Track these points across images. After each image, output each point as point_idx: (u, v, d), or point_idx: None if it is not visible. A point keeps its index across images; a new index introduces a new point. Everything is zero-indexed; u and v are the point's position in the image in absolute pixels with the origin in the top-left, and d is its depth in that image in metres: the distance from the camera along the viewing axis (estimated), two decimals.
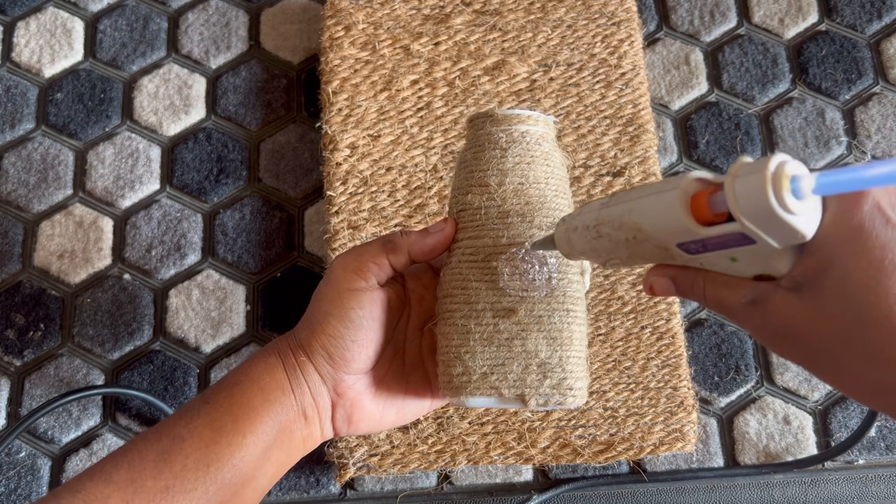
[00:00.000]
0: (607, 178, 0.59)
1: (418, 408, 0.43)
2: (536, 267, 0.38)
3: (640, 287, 0.57)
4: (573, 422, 0.55)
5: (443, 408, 0.55)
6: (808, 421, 0.57)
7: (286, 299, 0.60)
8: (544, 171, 0.40)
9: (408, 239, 0.41)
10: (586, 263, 0.41)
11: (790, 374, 0.58)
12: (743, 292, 0.30)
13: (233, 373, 0.41)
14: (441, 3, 0.64)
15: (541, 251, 0.39)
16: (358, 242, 0.57)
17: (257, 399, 0.39)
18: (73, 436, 0.57)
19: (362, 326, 0.40)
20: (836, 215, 0.27)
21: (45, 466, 0.57)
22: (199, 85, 0.66)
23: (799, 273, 0.28)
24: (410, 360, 0.43)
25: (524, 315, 0.38)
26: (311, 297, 0.42)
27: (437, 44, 0.62)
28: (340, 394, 0.41)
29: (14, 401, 0.58)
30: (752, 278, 0.31)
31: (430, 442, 0.54)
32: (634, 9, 0.64)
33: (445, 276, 0.41)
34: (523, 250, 0.39)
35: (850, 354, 0.27)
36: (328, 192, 0.59)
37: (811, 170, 0.26)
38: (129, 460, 0.36)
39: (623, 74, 0.62)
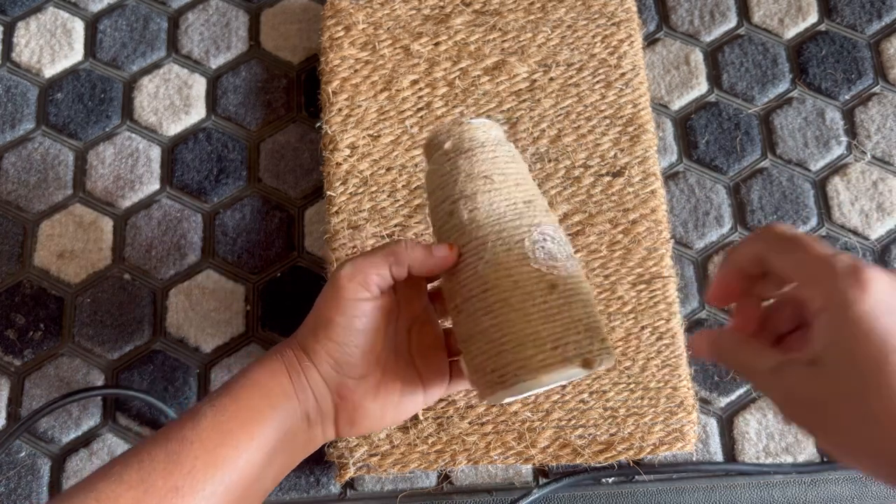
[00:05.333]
0: (607, 178, 0.59)
1: (413, 404, 0.45)
2: (558, 240, 0.41)
3: (640, 287, 0.57)
4: (573, 422, 0.55)
5: (442, 408, 0.55)
6: None
7: (286, 299, 0.60)
8: (518, 165, 0.44)
9: (411, 253, 0.42)
10: None
11: None
12: (768, 361, 0.35)
13: (237, 377, 0.42)
14: (441, 3, 0.64)
15: (552, 226, 0.42)
16: (357, 243, 0.57)
17: (262, 404, 0.41)
18: (73, 436, 0.57)
19: (366, 333, 0.42)
20: (846, 303, 0.32)
21: (45, 466, 0.57)
22: (200, 85, 0.66)
23: (819, 349, 0.33)
24: (403, 359, 0.45)
25: (562, 287, 0.40)
26: (315, 303, 0.43)
27: (437, 44, 0.62)
28: (343, 397, 0.42)
29: (14, 401, 0.58)
30: None
31: (430, 442, 0.54)
32: (634, 9, 0.64)
33: (470, 275, 0.41)
34: (542, 228, 0.41)
35: (852, 424, 0.32)
36: (328, 192, 0.59)
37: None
38: (139, 460, 0.37)
39: (623, 74, 0.62)
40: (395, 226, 0.58)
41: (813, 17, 0.68)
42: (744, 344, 0.37)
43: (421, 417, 0.55)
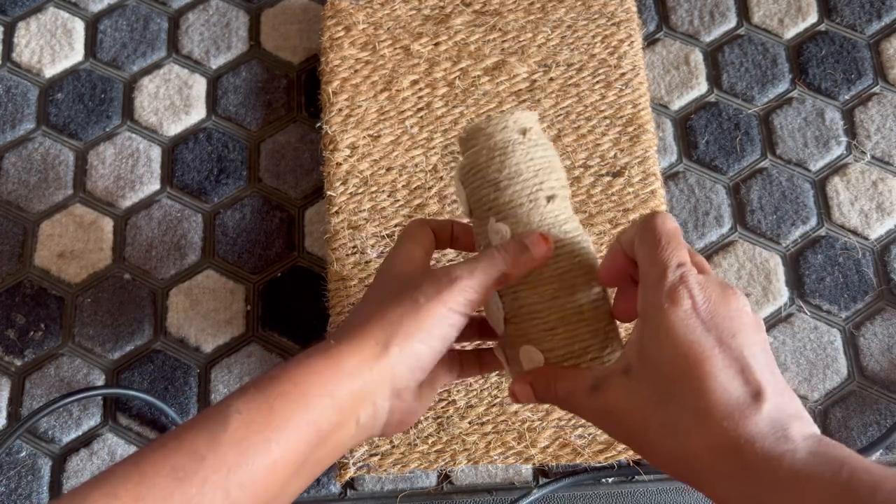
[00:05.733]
0: (607, 178, 0.59)
1: (434, 393, 0.43)
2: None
3: None
4: (573, 422, 0.55)
5: (443, 408, 0.55)
6: None
7: (286, 299, 0.60)
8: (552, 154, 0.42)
9: (510, 257, 0.38)
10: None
11: (789, 374, 0.58)
12: (586, 381, 0.36)
13: (279, 374, 0.35)
14: (441, 4, 0.64)
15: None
16: (358, 244, 0.57)
17: (301, 419, 0.34)
18: (73, 435, 0.57)
19: (446, 341, 0.38)
20: (660, 311, 0.33)
21: (45, 466, 0.57)
22: (200, 85, 0.66)
23: (632, 356, 0.34)
24: (450, 350, 0.41)
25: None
26: (394, 294, 0.38)
27: (437, 44, 0.62)
28: (402, 398, 0.38)
29: (15, 401, 0.58)
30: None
31: (430, 442, 0.54)
32: (634, 9, 0.64)
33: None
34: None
35: (655, 428, 0.33)
36: (328, 192, 0.59)
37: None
38: (140, 472, 0.32)
39: (623, 74, 0.62)
40: (395, 226, 0.58)
41: (813, 18, 0.68)
42: (560, 373, 0.37)
43: (420, 417, 0.55)
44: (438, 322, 0.37)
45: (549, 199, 0.39)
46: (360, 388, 0.36)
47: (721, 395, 0.31)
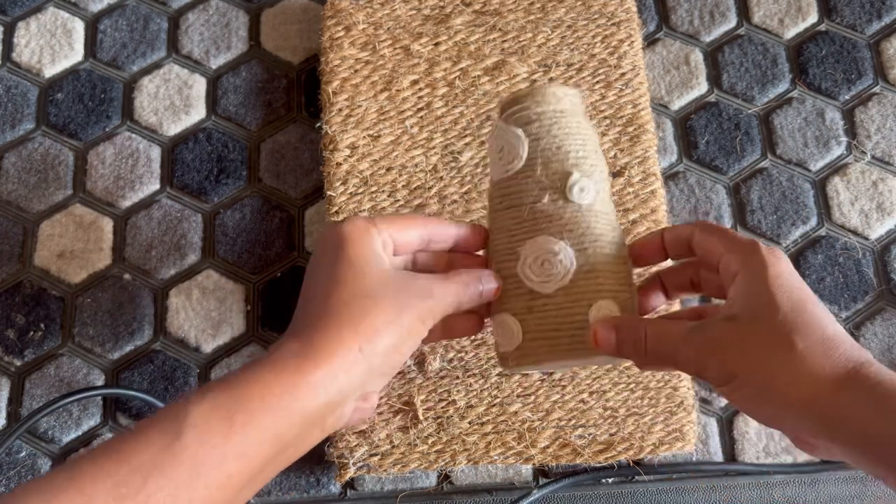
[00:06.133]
0: None
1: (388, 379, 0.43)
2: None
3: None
4: (573, 421, 0.55)
5: (443, 408, 0.55)
6: None
7: (286, 299, 0.60)
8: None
9: (477, 289, 0.41)
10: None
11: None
12: (686, 323, 0.38)
13: (239, 388, 0.33)
14: (441, 4, 0.64)
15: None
16: None
17: (264, 433, 0.32)
18: (73, 435, 0.57)
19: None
20: (765, 265, 0.36)
21: (45, 466, 0.57)
22: (200, 85, 0.66)
23: (737, 306, 0.36)
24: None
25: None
26: (362, 309, 0.37)
27: (437, 44, 0.62)
28: (368, 400, 0.39)
29: (14, 401, 0.58)
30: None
31: (430, 442, 0.54)
32: (634, 9, 0.64)
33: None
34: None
35: (773, 363, 0.35)
36: (328, 192, 0.59)
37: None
38: (77, 488, 0.29)
39: (623, 75, 0.62)
40: None
41: (813, 18, 0.68)
42: (655, 320, 0.39)
43: (421, 417, 0.55)
44: (415, 335, 0.38)
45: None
46: (331, 399, 0.35)
47: (836, 328, 0.35)
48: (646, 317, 0.42)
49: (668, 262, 0.45)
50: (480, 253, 0.46)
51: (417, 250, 0.43)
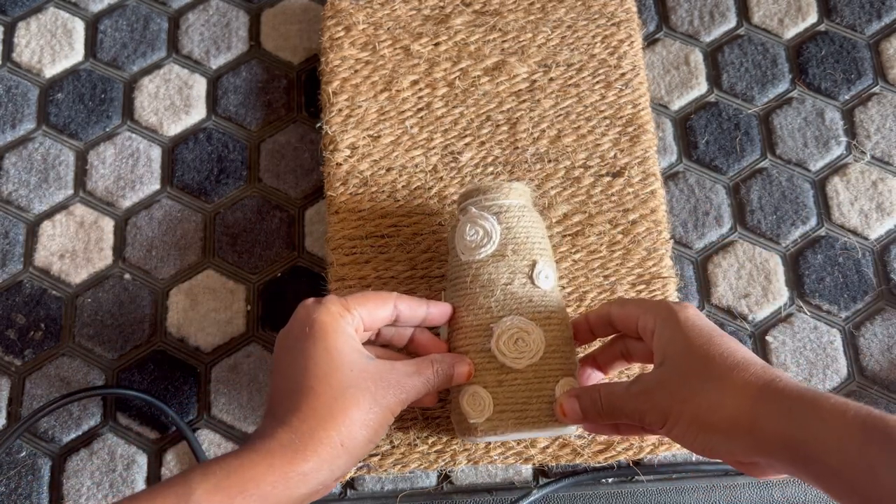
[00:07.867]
0: (607, 179, 0.59)
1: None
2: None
3: (640, 287, 0.57)
4: None
5: (443, 408, 0.55)
6: None
7: (286, 299, 0.60)
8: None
9: (443, 378, 0.45)
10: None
11: (789, 374, 0.58)
12: (622, 383, 0.43)
13: (238, 475, 0.37)
14: (441, 4, 0.64)
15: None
16: (357, 244, 0.57)
17: None
18: (73, 435, 0.57)
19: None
20: (674, 315, 0.42)
21: (45, 466, 0.57)
22: (200, 85, 0.66)
23: (661, 353, 0.42)
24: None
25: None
26: (331, 399, 0.40)
27: (437, 44, 0.62)
28: (347, 470, 0.42)
29: (15, 401, 0.58)
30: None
31: (430, 442, 0.54)
32: (634, 9, 0.64)
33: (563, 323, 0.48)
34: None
35: (697, 391, 0.39)
36: (328, 193, 0.59)
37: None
38: None
39: (623, 75, 0.62)
40: (395, 226, 0.58)
41: (813, 18, 0.68)
42: (607, 386, 0.44)
43: (421, 418, 0.55)
44: (386, 425, 0.42)
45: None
46: (316, 488, 0.39)
47: (746, 353, 0.39)
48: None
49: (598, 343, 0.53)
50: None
51: (385, 326, 0.47)
